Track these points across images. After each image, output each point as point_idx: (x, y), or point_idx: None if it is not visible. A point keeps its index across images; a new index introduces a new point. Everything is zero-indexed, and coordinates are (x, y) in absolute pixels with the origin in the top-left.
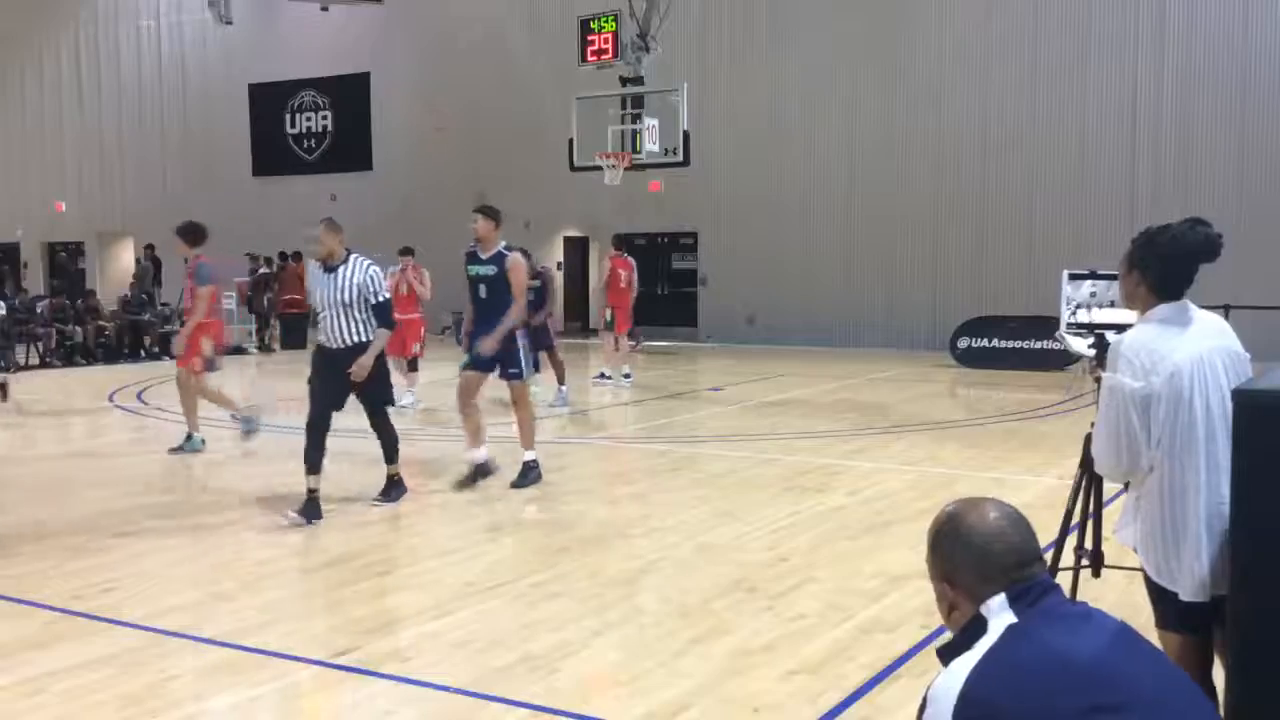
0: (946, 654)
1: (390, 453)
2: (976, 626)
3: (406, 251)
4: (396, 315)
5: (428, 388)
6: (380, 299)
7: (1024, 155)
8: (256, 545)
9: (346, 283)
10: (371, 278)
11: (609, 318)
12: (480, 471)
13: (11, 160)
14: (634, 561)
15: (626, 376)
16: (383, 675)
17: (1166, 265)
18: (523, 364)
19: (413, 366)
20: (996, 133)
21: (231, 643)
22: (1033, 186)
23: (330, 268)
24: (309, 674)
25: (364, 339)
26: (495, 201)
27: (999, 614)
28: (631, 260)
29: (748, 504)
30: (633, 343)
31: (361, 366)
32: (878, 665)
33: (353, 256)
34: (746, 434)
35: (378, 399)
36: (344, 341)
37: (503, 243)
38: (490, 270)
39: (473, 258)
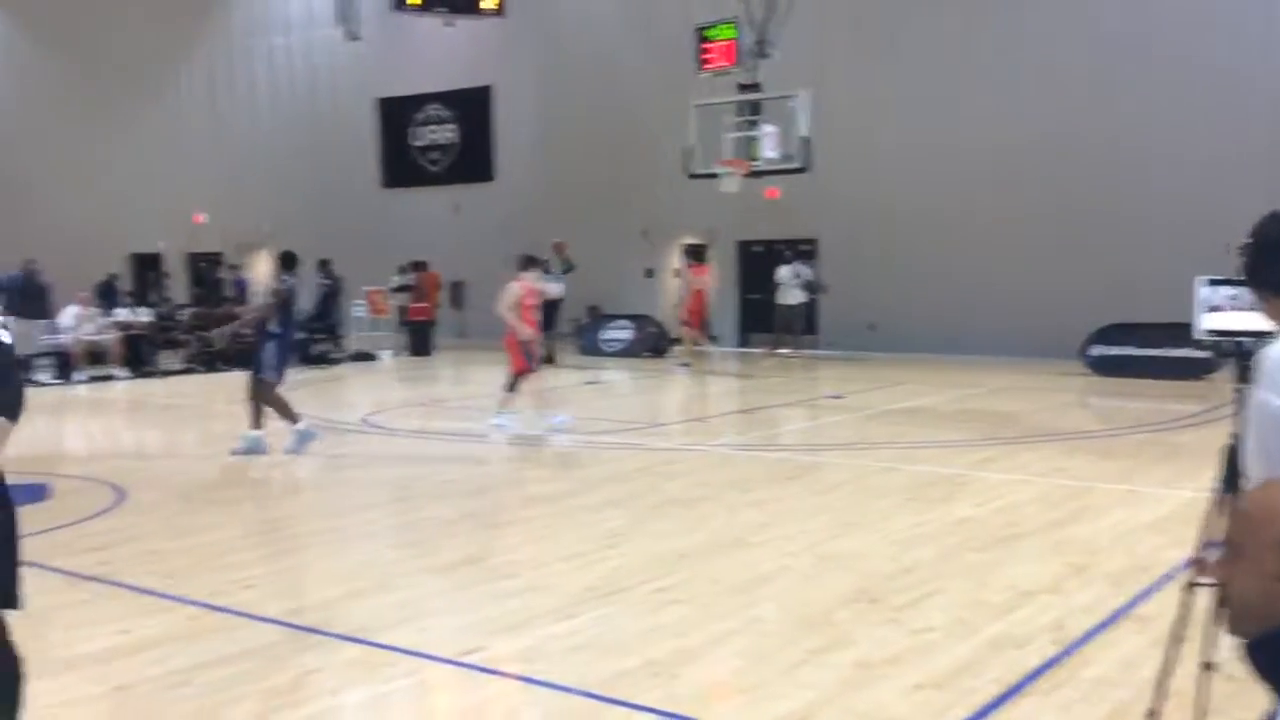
0: None
1: None
2: None
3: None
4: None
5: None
6: None
7: (1157, 157)
8: (389, 545)
9: None
10: None
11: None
12: None
13: (154, 173)
14: (754, 569)
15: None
16: (508, 675)
17: (1263, 257)
18: None
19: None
20: (1130, 135)
21: (366, 639)
22: (1169, 188)
23: None
24: (439, 672)
25: None
26: (612, 210)
27: None
28: (706, 266)
29: (870, 513)
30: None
31: None
32: (1007, 681)
33: None
34: (868, 442)
35: None
36: None
37: None
38: None
39: None
